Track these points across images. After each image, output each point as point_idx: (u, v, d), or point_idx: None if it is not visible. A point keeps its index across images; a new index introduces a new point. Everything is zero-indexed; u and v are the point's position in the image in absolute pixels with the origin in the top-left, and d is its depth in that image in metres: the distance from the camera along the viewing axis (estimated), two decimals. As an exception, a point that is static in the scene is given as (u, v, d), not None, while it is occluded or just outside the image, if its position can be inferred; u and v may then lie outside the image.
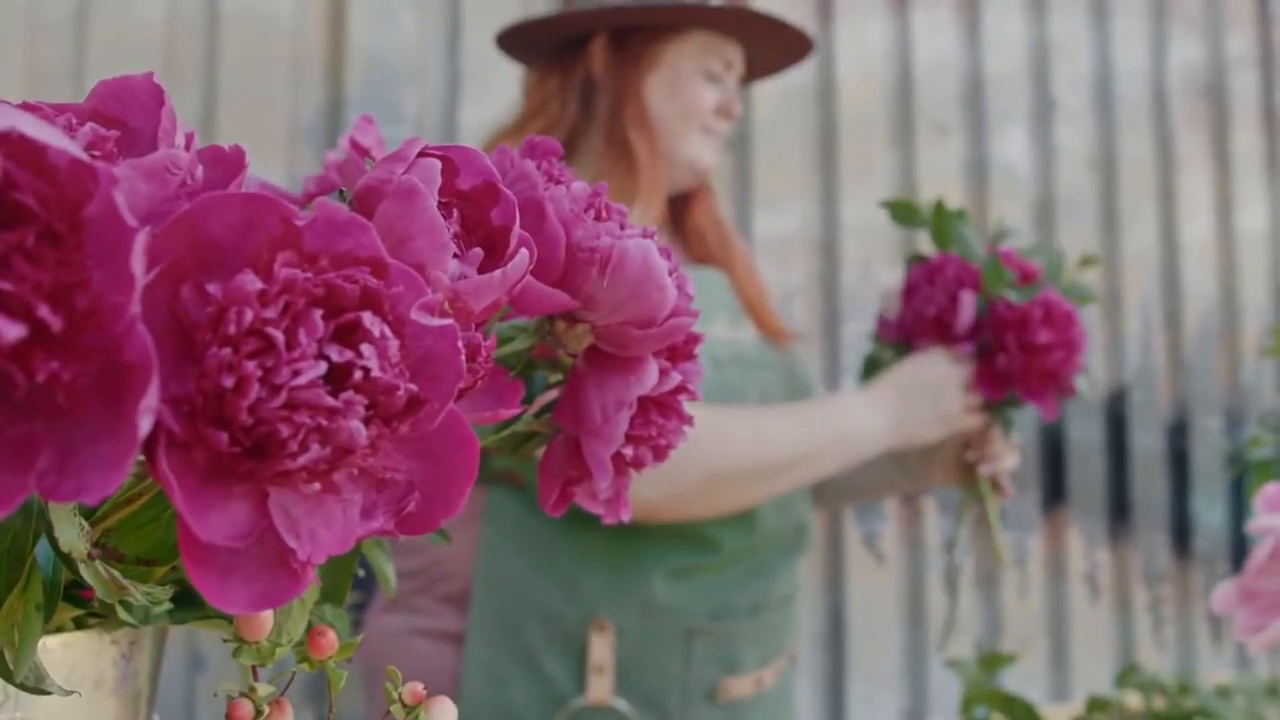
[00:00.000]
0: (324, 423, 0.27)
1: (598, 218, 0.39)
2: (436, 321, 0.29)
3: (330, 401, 0.27)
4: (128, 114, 0.32)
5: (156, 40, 1.38)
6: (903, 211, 1.02)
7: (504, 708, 0.99)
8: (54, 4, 1.35)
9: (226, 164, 0.31)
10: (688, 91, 1.06)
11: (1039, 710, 0.93)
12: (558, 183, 0.39)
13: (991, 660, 0.97)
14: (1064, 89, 2.11)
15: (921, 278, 1.00)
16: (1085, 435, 2.07)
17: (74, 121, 0.30)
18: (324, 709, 1.36)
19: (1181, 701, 0.98)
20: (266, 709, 0.30)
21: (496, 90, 1.51)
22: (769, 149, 1.80)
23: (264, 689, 0.30)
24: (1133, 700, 1.04)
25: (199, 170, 0.30)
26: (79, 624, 0.38)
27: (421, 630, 1.03)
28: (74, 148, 0.25)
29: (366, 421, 0.27)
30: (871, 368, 1.07)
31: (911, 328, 1.00)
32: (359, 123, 0.45)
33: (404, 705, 0.30)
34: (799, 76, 1.80)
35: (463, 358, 0.29)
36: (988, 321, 0.97)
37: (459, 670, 1.00)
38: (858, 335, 1.82)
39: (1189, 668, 2.11)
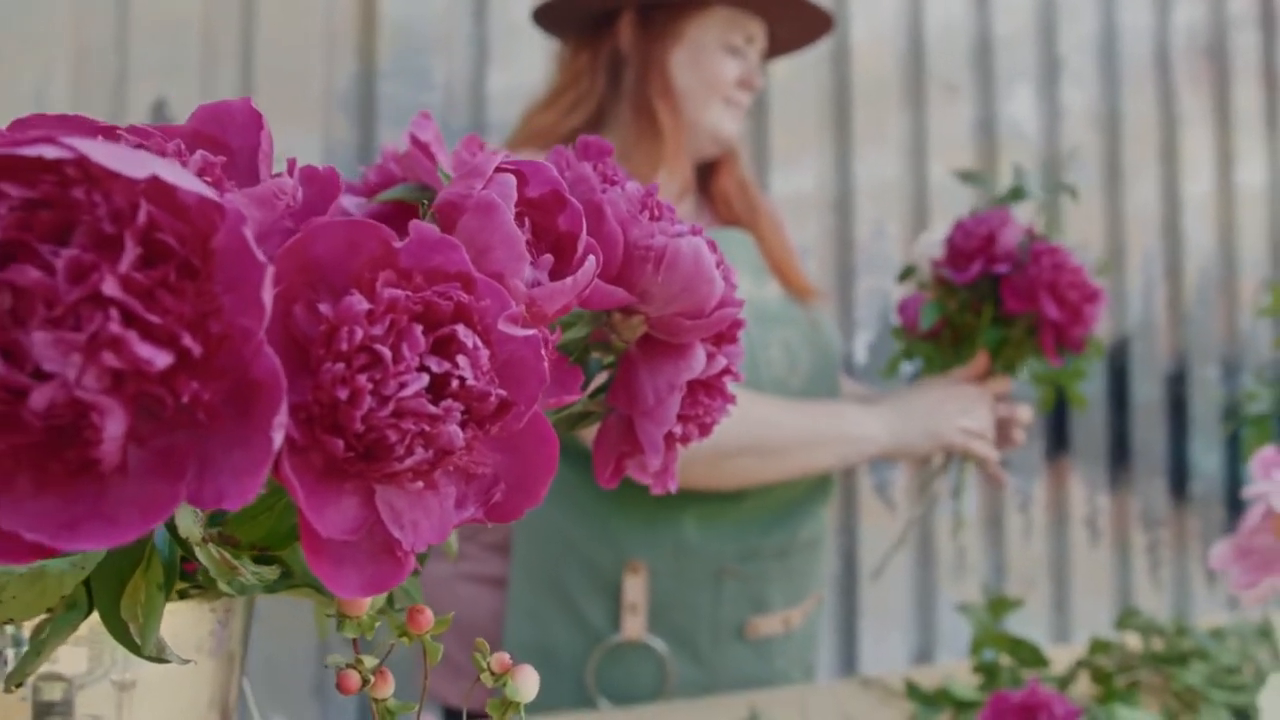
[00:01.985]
0: (427, 428, 0.29)
1: (652, 217, 0.42)
2: (521, 331, 0.32)
3: (432, 409, 0.29)
4: (227, 135, 0.34)
5: (195, 17, 1.41)
6: (970, 177, 1.14)
7: (545, 646, 1.05)
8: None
9: (322, 183, 0.34)
10: (709, 64, 1.09)
11: (1043, 651, 0.97)
12: (613, 183, 0.42)
13: (999, 605, 1.02)
14: (1070, 48, 2.11)
15: (973, 220, 1.09)
16: (1087, 385, 2.10)
17: (182, 147, 0.32)
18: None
19: (1179, 643, 1.02)
20: (372, 678, 0.33)
21: (523, 58, 1.54)
22: (785, 111, 1.82)
23: (369, 660, 0.33)
24: (1132, 641, 1.08)
25: (299, 192, 0.33)
26: (181, 595, 0.41)
27: (466, 575, 1.09)
28: (201, 186, 0.27)
29: (463, 425, 0.30)
30: (894, 361, 1.14)
31: (959, 246, 1.06)
32: (417, 120, 0.47)
33: (492, 674, 0.33)
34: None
35: (546, 364, 0.32)
36: (1028, 252, 1.06)
37: (501, 612, 1.06)
38: (871, 291, 1.85)
39: (1184, 608, 2.17)
